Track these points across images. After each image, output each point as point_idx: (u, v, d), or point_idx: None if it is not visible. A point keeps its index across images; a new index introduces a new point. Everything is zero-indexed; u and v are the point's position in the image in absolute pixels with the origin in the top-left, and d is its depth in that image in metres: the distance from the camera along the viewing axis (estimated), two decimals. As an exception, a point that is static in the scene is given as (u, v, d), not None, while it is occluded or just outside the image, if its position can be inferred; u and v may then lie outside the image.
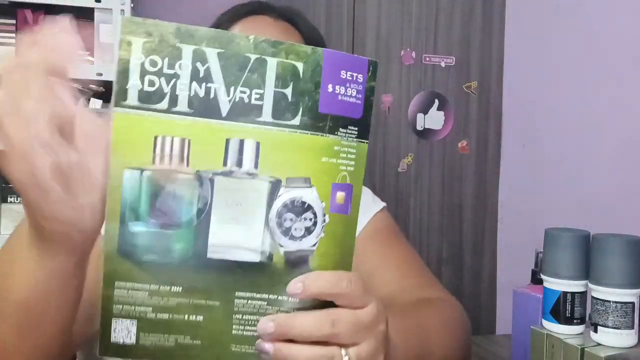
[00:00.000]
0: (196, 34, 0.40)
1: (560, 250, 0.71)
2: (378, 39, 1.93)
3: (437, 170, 1.99)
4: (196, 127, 0.40)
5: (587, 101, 1.63)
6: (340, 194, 0.43)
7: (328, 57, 0.42)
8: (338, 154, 0.43)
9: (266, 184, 0.42)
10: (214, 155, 0.41)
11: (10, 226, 1.50)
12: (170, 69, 0.40)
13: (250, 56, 0.41)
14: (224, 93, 0.41)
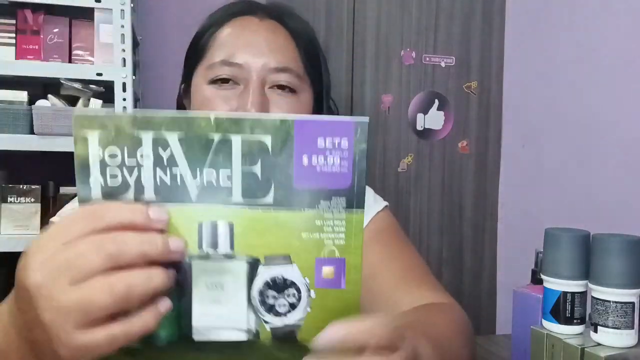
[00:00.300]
0: (153, 120, 0.38)
1: (560, 250, 0.71)
2: (378, 39, 1.93)
3: (437, 170, 1.99)
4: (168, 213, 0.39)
5: (587, 101, 1.63)
6: (328, 269, 0.41)
7: (300, 126, 0.39)
8: (321, 228, 0.41)
9: (244, 265, 0.40)
10: (189, 239, 0.39)
11: (10, 226, 1.50)
12: (132, 158, 0.38)
13: (213, 136, 0.39)
14: (190, 177, 0.39)
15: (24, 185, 1.51)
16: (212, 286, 0.40)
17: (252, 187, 0.40)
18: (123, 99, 1.50)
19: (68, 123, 1.46)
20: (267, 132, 0.39)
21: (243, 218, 0.40)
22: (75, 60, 1.56)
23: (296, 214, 0.40)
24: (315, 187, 0.40)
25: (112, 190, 0.38)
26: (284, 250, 0.41)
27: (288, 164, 0.40)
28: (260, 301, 0.41)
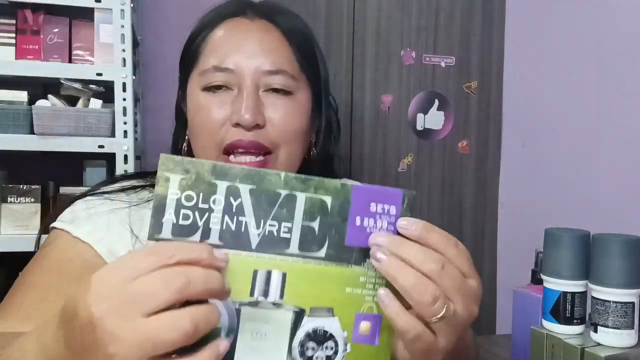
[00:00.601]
0: (230, 171, 0.42)
1: (560, 250, 0.71)
2: (378, 39, 1.93)
3: (437, 170, 1.99)
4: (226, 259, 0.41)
5: (587, 101, 1.63)
6: (365, 324, 0.44)
7: (358, 191, 0.44)
8: (364, 285, 0.44)
9: (290, 314, 0.43)
10: (242, 285, 0.42)
11: (10, 226, 1.50)
12: (205, 203, 0.42)
13: (281, 192, 0.43)
14: (254, 227, 0.42)
15: (24, 185, 1.51)
16: (256, 335, 0.42)
17: (309, 240, 0.43)
18: (123, 99, 1.50)
19: (68, 123, 1.46)
20: (329, 193, 0.44)
21: (295, 269, 0.43)
22: (75, 60, 1.56)
23: (344, 269, 0.44)
24: (363, 246, 0.44)
25: (181, 229, 0.41)
26: (329, 302, 0.44)
27: (343, 223, 0.44)
28: (300, 352, 0.43)
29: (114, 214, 0.70)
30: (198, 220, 0.41)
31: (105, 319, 0.35)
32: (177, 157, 0.41)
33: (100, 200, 0.72)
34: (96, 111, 1.50)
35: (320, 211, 0.43)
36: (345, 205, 0.44)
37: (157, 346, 0.35)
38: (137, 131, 1.76)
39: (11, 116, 1.45)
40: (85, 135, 1.48)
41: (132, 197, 0.74)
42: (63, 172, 1.62)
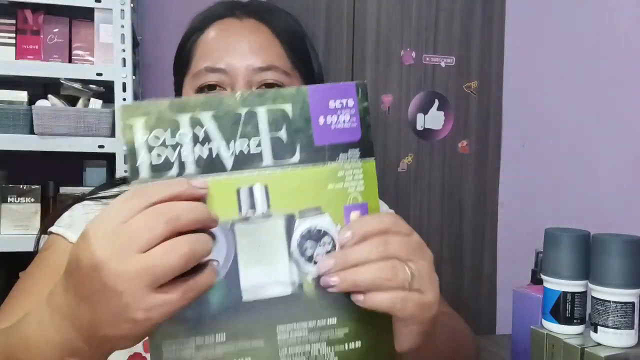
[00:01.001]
0: (188, 104, 0.44)
1: (560, 250, 0.71)
2: (378, 39, 1.93)
3: (437, 170, 1.99)
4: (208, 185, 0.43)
5: (587, 101, 1.63)
6: (355, 214, 0.46)
7: (313, 92, 0.46)
8: (343, 179, 0.46)
9: (281, 221, 0.45)
10: (229, 206, 0.44)
11: (10, 226, 1.50)
12: (172, 139, 0.43)
13: (241, 111, 0.44)
14: (224, 149, 0.44)
15: (24, 185, 1.51)
16: (255, 246, 0.44)
17: (280, 150, 0.45)
18: (123, 99, 1.50)
19: (68, 123, 1.46)
20: (286, 100, 0.45)
21: (275, 179, 0.45)
22: (75, 60, 1.56)
23: (321, 168, 0.46)
24: (332, 142, 0.46)
25: (157, 169, 0.43)
26: (315, 202, 0.46)
27: (308, 126, 0.46)
28: (300, 253, 0.45)
29: None
30: (170, 157, 0.43)
31: (109, 258, 0.37)
32: (134, 103, 0.43)
33: (98, 206, 0.72)
34: (96, 111, 1.50)
35: (284, 119, 0.45)
36: (305, 108, 0.45)
37: (159, 275, 0.37)
38: (137, 131, 1.76)
39: (11, 116, 1.45)
40: (85, 135, 1.48)
41: None
42: (63, 172, 1.62)
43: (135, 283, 0.37)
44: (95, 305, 0.39)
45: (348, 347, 0.46)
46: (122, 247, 0.37)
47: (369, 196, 0.47)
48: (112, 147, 1.49)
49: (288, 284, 0.45)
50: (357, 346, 0.46)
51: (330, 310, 0.46)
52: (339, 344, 0.46)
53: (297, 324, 0.45)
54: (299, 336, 0.45)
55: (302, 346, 0.45)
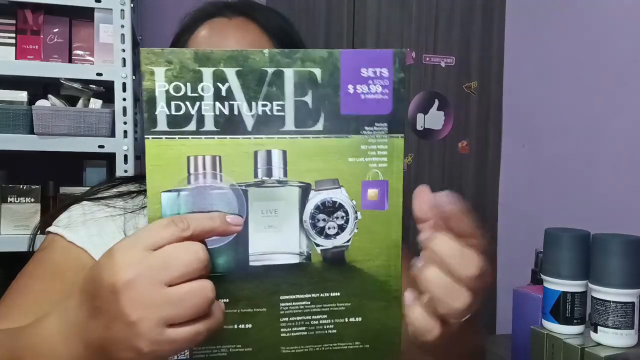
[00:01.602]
0: (212, 56, 0.42)
1: (560, 250, 0.71)
2: (378, 39, 1.93)
3: (437, 170, 1.99)
4: (225, 145, 0.42)
5: (587, 101, 1.63)
6: (373, 191, 0.45)
7: (346, 57, 0.43)
8: (366, 153, 0.44)
9: (296, 190, 0.44)
10: (245, 169, 0.43)
11: (10, 226, 1.50)
12: (194, 92, 0.42)
13: (267, 70, 0.42)
14: (246, 109, 0.42)
15: (24, 185, 1.51)
16: (266, 212, 0.43)
17: (304, 116, 0.43)
18: (123, 99, 1.50)
19: (68, 123, 1.46)
20: (316, 64, 0.43)
21: (295, 145, 0.43)
22: (75, 60, 1.56)
23: (343, 140, 0.44)
24: (359, 113, 0.44)
25: (175, 120, 0.42)
26: (333, 174, 0.44)
27: (335, 93, 0.43)
28: (312, 224, 0.44)
29: (110, 220, 0.70)
30: (190, 110, 0.42)
31: (130, 286, 0.36)
32: (157, 49, 0.41)
33: (96, 206, 0.72)
34: (96, 111, 1.50)
35: (311, 83, 0.43)
36: (335, 74, 0.43)
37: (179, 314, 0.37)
38: (137, 131, 1.76)
39: (11, 116, 1.45)
40: (85, 135, 1.48)
41: (128, 203, 0.74)
42: (63, 172, 1.62)
43: (152, 316, 0.36)
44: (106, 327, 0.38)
45: (348, 320, 0.46)
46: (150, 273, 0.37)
47: (391, 175, 0.45)
48: (112, 147, 1.49)
49: (296, 253, 0.44)
50: (358, 320, 0.46)
51: (334, 284, 0.45)
52: (340, 317, 0.46)
53: (301, 295, 0.45)
54: (301, 305, 0.45)
55: (303, 316, 0.45)
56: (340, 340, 0.46)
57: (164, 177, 0.42)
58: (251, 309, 0.44)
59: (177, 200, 0.42)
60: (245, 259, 0.43)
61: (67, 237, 0.68)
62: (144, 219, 0.72)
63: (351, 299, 0.45)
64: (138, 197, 0.75)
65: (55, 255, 0.67)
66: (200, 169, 0.42)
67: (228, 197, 0.42)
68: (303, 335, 0.45)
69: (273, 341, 0.44)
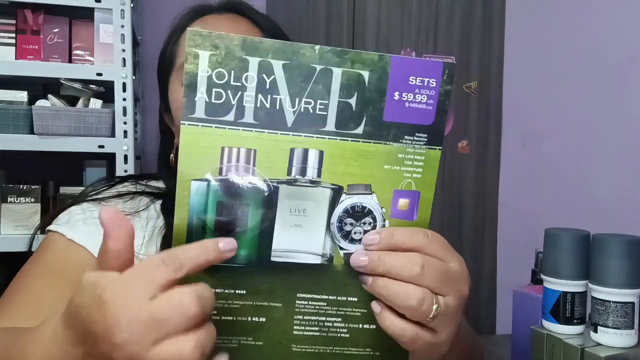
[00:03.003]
0: (261, 45, 0.40)
1: (560, 250, 0.71)
2: (378, 39, 1.92)
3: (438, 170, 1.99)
4: (262, 139, 0.41)
5: (587, 101, 1.63)
6: (404, 201, 0.44)
7: (396, 63, 0.42)
8: (402, 162, 0.44)
9: (328, 191, 0.43)
10: (279, 165, 0.42)
11: (10, 226, 1.50)
12: (237, 81, 0.41)
13: (316, 67, 0.41)
14: (289, 104, 0.41)
15: (24, 185, 1.51)
16: (295, 211, 0.43)
17: (346, 118, 0.42)
18: (123, 99, 1.50)
19: (68, 123, 1.46)
20: (366, 66, 0.42)
21: (332, 147, 0.42)
22: (75, 60, 1.56)
23: (382, 147, 0.43)
24: (401, 121, 0.43)
25: (214, 108, 0.40)
26: (367, 180, 0.43)
27: (381, 98, 0.42)
28: (338, 227, 0.43)
29: None
30: (231, 99, 0.40)
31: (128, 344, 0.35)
32: (205, 31, 0.40)
33: (95, 207, 0.72)
34: (96, 111, 1.50)
35: (358, 86, 0.42)
36: (383, 79, 0.42)
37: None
38: (137, 131, 1.76)
39: (11, 116, 1.45)
40: (85, 135, 1.48)
41: (127, 204, 0.74)
42: (63, 172, 1.62)
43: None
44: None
45: (362, 327, 0.45)
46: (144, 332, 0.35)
47: (424, 186, 0.44)
48: (112, 147, 1.49)
49: (319, 254, 0.44)
50: (371, 328, 0.45)
51: (353, 289, 0.44)
52: (354, 322, 0.45)
53: (318, 295, 0.44)
54: (317, 305, 0.44)
55: (317, 316, 0.44)
56: (352, 345, 0.46)
57: (195, 165, 0.41)
58: (267, 303, 0.43)
59: (206, 190, 0.41)
60: (268, 253, 0.43)
61: (67, 235, 0.68)
62: (140, 220, 0.72)
63: (368, 305, 0.44)
64: (137, 198, 0.75)
65: (55, 254, 0.67)
66: (234, 161, 0.41)
67: (258, 192, 0.42)
68: (316, 336, 0.45)
69: (285, 337, 0.44)
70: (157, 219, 0.73)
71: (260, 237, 0.42)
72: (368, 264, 0.42)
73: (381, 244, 0.42)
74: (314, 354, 0.45)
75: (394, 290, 0.41)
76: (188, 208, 0.41)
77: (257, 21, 0.78)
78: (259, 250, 0.42)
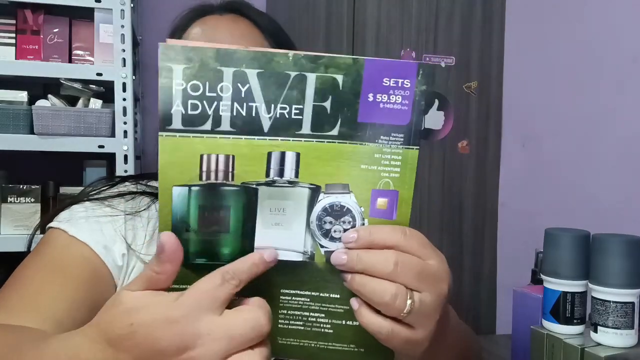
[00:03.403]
0: (235, 55, 0.41)
1: (560, 250, 0.71)
2: (378, 39, 1.93)
3: (437, 170, 1.99)
4: (239, 145, 0.42)
5: (586, 101, 1.63)
6: (382, 200, 0.45)
7: (370, 65, 0.43)
8: (379, 161, 0.44)
9: (306, 191, 0.44)
10: (258, 169, 0.43)
11: (10, 226, 1.50)
12: (212, 92, 0.41)
13: (290, 73, 0.42)
14: (264, 110, 0.42)
15: (24, 185, 1.51)
16: (274, 210, 0.44)
17: (321, 120, 0.43)
18: (123, 99, 1.50)
19: (68, 123, 1.46)
20: (340, 70, 0.42)
21: (309, 149, 0.43)
22: (75, 60, 1.56)
23: (357, 147, 0.44)
24: (377, 122, 0.44)
25: (192, 119, 0.41)
26: (344, 180, 0.44)
27: (355, 100, 0.43)
28: (318, 226, 0.44)
29: (109, 221, 0.70)
30: (207, 109, 0.41)
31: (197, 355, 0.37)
32: (178, 45, 0.40)
33: (97, 206, 0.72)
34: (96, 111, 1.50)
35: (332, 89, 0.43)
36: (357, 81, 0.43)
37: None
38: (137, 131, 1.76)
39: (11, 116, 1.45)
40: (85, 135, 1.48)
41: (128, 204, 0.74)
42: (63, 172, 1.62)
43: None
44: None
45: (345, 323, 0.46)
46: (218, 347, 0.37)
47: (403, 185, 0.45)
48: (112, 147, 1.49)
49: (300, 252, 0.45)
50: (355, 324, 0.46)
51: (335, 286, 0.45)
52: (337, 318, 0.46)
53: (301, 291, 0.45)
54: (300, 301, 0.45)
55: (301, 311, 0.45)
56: (335, 341, 0.47)
57: (176, 173, 0.42)
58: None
59: (187, 195, 0.42)
60: (251, 251, 0.43)
61: (70, 231, 0.67)
62: (142, 220, 0.72)
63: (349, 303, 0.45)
64: (138, 198, 0.75)
65: (56, 249, 0.67)
66: (213, 167, 0.42)
67: (238, 195, 0.42)
68: (300, 330, 0.46)
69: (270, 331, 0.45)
70: (157, 219, 0.73)
71: (243, 237, 0.43)
72: (347, 262, 0.43)
73: (359, 241, 0.43)
74: (300, 347, 0.46)
75: (370, 287, 0.42)
76: (171, 217, 0.42)
77: (257, 22, 0.78)
78: (242, 248, 0.43)
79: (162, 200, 0.42)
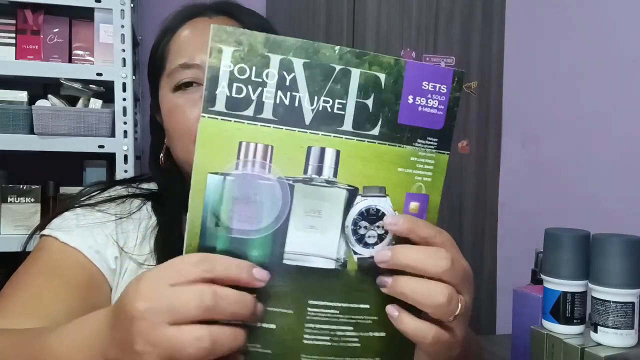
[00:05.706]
0: (284, 43, 0.41)
1: (560, 250, 0.71)
2: (378, 39, 1.93)
3: (437, 170, 1.99)
4: (280, 135, 0.42)
5: (586, 101, 1.63)
6: (414, 204, 0.45)
7: (411, 68, 0.43)
8: (414, 165, 0.44)
9: (344, 192, 0.43)
10: (295, 163, 0.42)
11: (10, 226, 1.50)
12: (258, 77, 0.41)
13: (335, 66, 0.42)
14: (307, 102, 0.42)
15: (24, 185, 1.51)
16: (310, 211, 0.42)
17: (363, 118, 0.43)
18: (123, 99, 1.50)
19: (68, 123, 1.46)
20: (383, 69, 0.43)
21: (348, 147, 0.43)
22: (75, 60, 1.56)
23: (396, 149, 0.44)
24: (415, 125, 0.44)
25: (234, 103, 0.41)
26: (381, 182, 0.43)
27: (396, 101, 0.43)
28: (353, 230, 0.43)
29: (101, 226, 0.70)
30: (251, 94, 0.41)
31: (140, 319, 0.38)
32: (229, 28, 0.40)
33: (88, 212, 0.72)
34: (96, 111, 1.50)
35: (374, 87, 0.43)
36: (399, 82, 0.43)
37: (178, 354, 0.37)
38: (137, 131, 1.76)
39: (11, 116, 1.45)
40: (85, 135, 1.48)
41: (119, 207, 0.74)
42: (63, 172, 1.62)
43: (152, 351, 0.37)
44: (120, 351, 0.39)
45: (372, 335, 0.45)
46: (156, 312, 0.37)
47: (432, 189, 0.45)
48: (112, 147, 1.49)
49: (333, 259, 0.43)
50: (381, 335, 0.45)
51: (365, 295, 0.44)
52: (365, 330, 0.45)
53: (330, 303, 0.43)
54: (329, 313, 0.44)
55: (329, 325, 0.44)
56: (361, 355, 0.45)
57: (212, 158, 0.41)
58: (278, 309, 0.42)
59: (221, 184, 0.41)
60: (280, 255, 0.42)
61: (61, 238, 0.68)
62: (133, 222, 0.72)
63: (379, 312, 0.44)
64: (128, 201, 0.76)
65: (52, 254, 0.67)
66: (251, 156, 0.41)
67: (273, 190, 0.41)
68: (327, 345, 0.44)
69: (294, 346, 0.43)
70: (149, 220, 0.73)
71: (274, 238, 0.42)
72: (391, 258, 0.41)
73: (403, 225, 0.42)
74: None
75: (421, 289, 0.40)
76: (203, 202, 0.41)
77: (247, 24, 0.76)
78: (272, 251, 0.42)
79: (196, 185, 0.41)
